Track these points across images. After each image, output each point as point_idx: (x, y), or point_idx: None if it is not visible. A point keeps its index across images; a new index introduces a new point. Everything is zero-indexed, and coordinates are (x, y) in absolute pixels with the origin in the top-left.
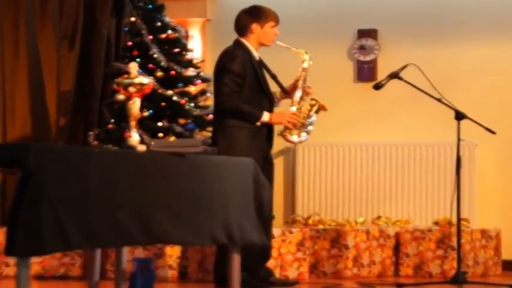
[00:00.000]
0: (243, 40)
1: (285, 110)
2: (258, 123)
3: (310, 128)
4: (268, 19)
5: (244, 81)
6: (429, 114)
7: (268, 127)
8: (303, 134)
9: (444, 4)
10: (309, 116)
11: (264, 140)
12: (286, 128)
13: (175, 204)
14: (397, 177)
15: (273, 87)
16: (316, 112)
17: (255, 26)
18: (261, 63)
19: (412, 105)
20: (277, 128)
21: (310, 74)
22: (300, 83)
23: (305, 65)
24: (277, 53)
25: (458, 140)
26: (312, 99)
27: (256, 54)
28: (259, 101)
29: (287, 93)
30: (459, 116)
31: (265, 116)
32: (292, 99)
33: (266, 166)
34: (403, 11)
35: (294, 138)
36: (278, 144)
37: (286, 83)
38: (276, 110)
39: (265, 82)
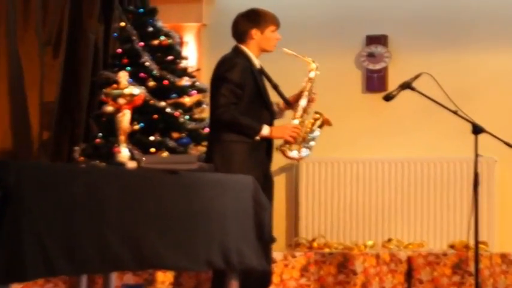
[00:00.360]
0: (243, 47)
1: (287, 123)
2: (257, 138)
3: (312, 143)
4: (268, 23)
5: (244, 92)
6: (444, 128)
7: (268, 141)
8: (304, 150)
9: (460, 8)
10: (311, 131)
11: (263, 156)
12: (286, 142)
13: (169, 225)
14: (410, 196)
15: (275, 98)
16: (320, 127)
17: (254, 32)
18: (261, 72)
19: (425, 118)
20: (276, 142)
21: (315, 83)
22: (305, 94)
23: (311, 74)
24: (279, 60)
25: (476, 155)
26: (316, 112)
27: (257, 62)
28: (258, 113)
29: (289, 105)
30: (477, 129)
31: (265, 130)
32: (294, 112)
33: (266, 184)
34: (416, 15)
35: (294, 154)
36: (279, 160)
37: (289, 93)
38: (278, 122)
39: (266, 93)
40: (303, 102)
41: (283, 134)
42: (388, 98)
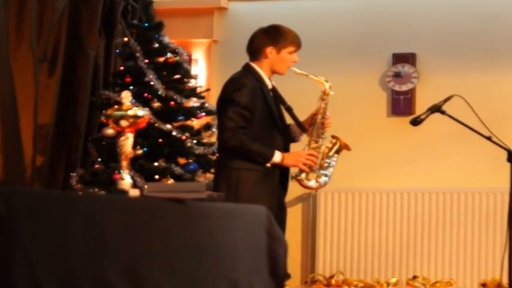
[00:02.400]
0: (254, 65)
1: (301, 150)
2: (268, 164)
3: (330, 170)
4: (287, 43)
5: (253, 115)
6: (477, 156)
7: (282, 168)
8: (322, 179)
9: (496, 26)
10: (328, 157)
11: (276, 185)
12: (301, 171)
13: (174, 261)
14: (437, 229)
15: (291, 120)
16: (338, 152)
17: (270, 50)
18: (274, 93)
19: (456, 145)
20: (292, 170)
21: (336, 105)
22: (319, 117)
23: (324, 95)
24: (295, 79)
25: (511, 186)
26: (333, 136)
27: (269, 82)
28: (270, 138)
29: (304, 129)
30: None
31: (277, 157)
32: (309, 137)
33: (279, 214)
34: (447, 32)
35: (312, 183)
36: (295, 189)
37: (305, 115)
38: (294, 146)
39: (279, 115)
40: (317, 126)
41: (296, 162)
42: (415, 122)
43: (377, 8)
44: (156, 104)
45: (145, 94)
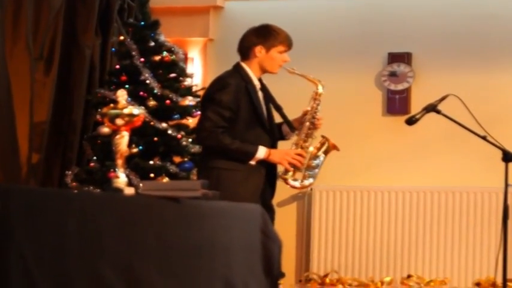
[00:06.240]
0: (243, 64)
1: (289, 148)
2: (253, 162)
3: (316, 171)
4: (276, 43)
5: (237, 114)
6: (472, 155)
7: (269, 167)
8: (307, 180)
9: (491, 25)
10: (315, 157)
11: (261, 184)
12: (287, 170)
13: (169, 259)
14: (432, 228)
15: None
16: (326, 152)
17: (258, 49)
18: (264, 92)
19: (451, 144)
20: (279, 169)
21: (332, 104)
22: (309, 117)
23: (317, 95)
24: (289, 78)
25: (506, 185)
26: (323, 136)
27: (257, 82)
28: (255, 137)
29: (293, 129)
30: (507, 156)
31: (261, 152)
32: (298, 137)
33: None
34: (442, 32)
35: (296, 183)
36: (290, 188)
37: (297, 114)
38: (283, 144)
39: (267, 114)
40: (307, 125)
41: (281, 160)
42: (411, 121)
43: (373, 7)
44: (152, 103)
45: (141, 93)
